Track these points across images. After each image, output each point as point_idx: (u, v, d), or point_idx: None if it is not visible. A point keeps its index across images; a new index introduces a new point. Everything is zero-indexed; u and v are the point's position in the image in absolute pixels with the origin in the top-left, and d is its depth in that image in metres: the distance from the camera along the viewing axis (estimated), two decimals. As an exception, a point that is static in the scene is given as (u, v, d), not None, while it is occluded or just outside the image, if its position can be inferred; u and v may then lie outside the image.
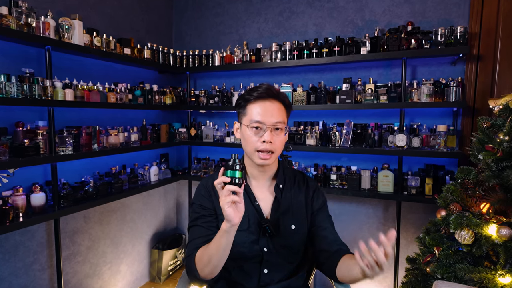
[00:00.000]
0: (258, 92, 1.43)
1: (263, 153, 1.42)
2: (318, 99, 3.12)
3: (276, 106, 1.44)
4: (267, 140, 1.39)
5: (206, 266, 1.32)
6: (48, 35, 2.29)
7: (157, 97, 3.32)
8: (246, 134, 1.45)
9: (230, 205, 1.19)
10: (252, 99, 1.44)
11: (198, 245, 1.41)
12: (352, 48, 2.96)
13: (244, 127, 1.46)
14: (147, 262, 3.65)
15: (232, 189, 1.19)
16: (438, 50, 2.70)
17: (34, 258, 2.51)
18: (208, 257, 1.31)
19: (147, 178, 3.33)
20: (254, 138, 1.42)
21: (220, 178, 1.21)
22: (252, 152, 1.44)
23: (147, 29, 3.65)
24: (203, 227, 1.47)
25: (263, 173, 1.54)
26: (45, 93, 2.29)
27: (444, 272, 1.87)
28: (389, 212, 3.18)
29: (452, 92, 2.69)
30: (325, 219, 1.58)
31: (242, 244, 1.45)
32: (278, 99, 1.45)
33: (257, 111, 1.42)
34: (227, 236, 1.25)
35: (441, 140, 2.72)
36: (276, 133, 1.43)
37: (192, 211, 1.55)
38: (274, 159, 1.46)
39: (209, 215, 1.50)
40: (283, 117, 1.45)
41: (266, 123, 1.41)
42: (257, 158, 1.44)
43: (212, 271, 1.33)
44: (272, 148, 1.42)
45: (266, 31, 3.61)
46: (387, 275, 3.19)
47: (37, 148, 2.26)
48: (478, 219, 1.79)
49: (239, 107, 1.50)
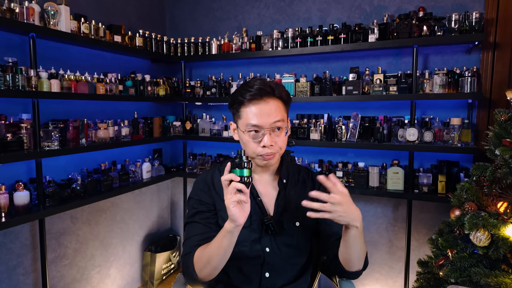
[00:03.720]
0: (250, 93, 1.38)
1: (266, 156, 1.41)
2: (322, 90, 3.11)
3: (273, 104, 1.40)
4: (267, 145, 1.37)
5: (205, 267, 1.32)
6: (32, 21, 2.27)
7: (150, 88, 3.31)
8: (245, 138, 1.42)
9: (235, 205, 1.18)
10: (245, 102, 1.39)
11: (195, 243, 1.40)
12: (359, 36, 2.94)
13: (241, 130, 1.44)
14: (139, 265, 3.65)
15: (239, 188, 1.18)
16: (452, 38, 2.69)
17: (17, 261, 2.51)
18: (207, 258, 1.31)
19: (139, 175, 3.32)
20: (253, 143, 1.40)
21: (229, 175, 1.20)
22: (254, 156, 1.44)
23: (139, 15, 3.62)
24: (201, 223, 1.46)
25: (265, 168, 1.53)
26: (29, 83, 2.28)
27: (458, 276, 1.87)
28: (399, 211, 3.18)
29: (466, 82, 2.68)
30: None
31: (243, 243, 1.45)
32: (274, 95, 1.41)
33: (253, 114, 1.38)
34: (230, 237, 1.24)
35: (455, 134, 2.72)
36: (276, 133, 1.41)
37: (190, 206, 1.54)
38: (277, 158, 1.46)
39: (208, 211, 1.49)
40: (282, 114, 1.42)
41: (264, 126, 1.37)
42: (260, 161, 1.43)
43: (211, 273, 1.33)
44: (274, 151, 1.40)
45: (267, 17, 3.59)
46: (396, 280, 3.20)
47: (21, 143, 2.25)
48: (494, 219, 1.79)
49: (233, 108, 1.47)
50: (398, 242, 3.19)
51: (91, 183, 2.77)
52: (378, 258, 3.27)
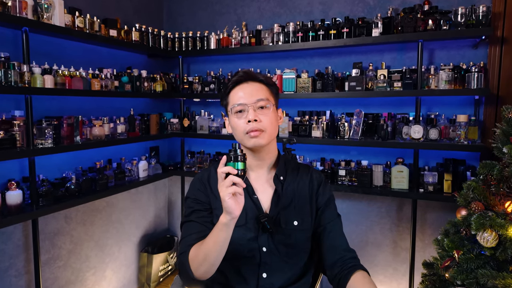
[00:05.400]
0: (235, 77, 1.51)
1: (252, 132, 1.44)
2: (325, 86, 3.10)
3: (256, 86, 1.49)
4: (251, 119, 1.42)
5: (202, 265, 1.33)
6: (25, 15, 2.27)
7: (147, 84, 3.30)
8: (233, 121, 1.49)
9: (231, 196, 1.21)
10: (231, 86, 1.51)
11: (192, 241, 1.42)
12: (363, 30, 2.94)
13: (230, 115, 1.51)
14: (135, 267, 3.66)
15: (235, 181, 1.21)
16: (458, 32, 2.68)
17: (9, 262, 2.51)
18: (204, 254, 1.32)
19: (135, 173, 3.32)
20: (239, 122, 1.46)
21: (226, 168, 1.23)
22: (242, 136, 1.47)
23: (135, 8, 3.62)
24: (198, 222, 1.49)
25: (260, 162, 1.54)
26: (22, 79, 2.27)
27: (464, 278, 1.87)
28: (403, 211, 3.18)
29: (473, 78, 2.67)
30: (334, 219, 1.57)
31: (238, 242, 1.45)
32: (257, 80, 1.51)
33: (237, 96, 1.48)
34: (226, 230, 1.27)
35: (461, 131, 2.71)
36: (261, 111, 1.46)
37: (186, 206, 1.57)
38: (267, 139, 1.46)
39: (204, 210, 1.52)
40: (266, 94, 1.49)
41: (247, 103, 1.45)
42: (248, 139, 1.45)
43: (208, 270, 1.34)
44: (260, 126, 1.43)
45: (267, 11, 3.59)
46: (401, 282, 3.20)
47: (13, 141, 2.25)
48: (502, 219, 1.78)
49: (223, 100, 1.56)
50: (402, 243, 3.19)
51: (86, 182, 2.77)
52: (382, 260, 3.27)
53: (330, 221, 1.55)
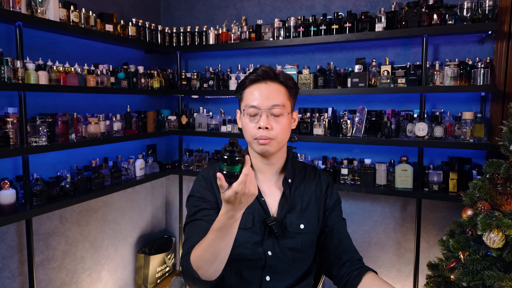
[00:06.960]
0: (253, 75, 1.46)
1: (261, 139, 1.42)
2: (326, 83, 3.10)
3: (273, 88, 1.45)
4: (262, 126, 1.40)
5: (213, 263, 1.25)
6: (18, 9, 2.26)
7: (143, 80, 3.30)
8: (244, 121, 1.47)
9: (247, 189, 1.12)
10: (247, 83, 1.47)
11: (197, 242, 1.34)
12: (366, 25, 2.93)
13: (242, 114, 1.48)
14: (131, 268, 3.66)
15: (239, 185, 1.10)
16: (464, 27, 2.67)
17: (3, 264, 2.50)
18: (213, 252, 1.23)
19: (132, 172, 3.32)
20: (250, 125, 1.44)
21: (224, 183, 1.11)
22: (251, 140, 1.46)
23: (132, 2, 3.61)
24: (204, 220, 1.42)
25: (269, 166, 1.53)
26: (15, 75, 2.27)
27: (470, 279, 1.87)
28: (407, 211, 3.18)
29: (479, 74, 2.67)
30: (340, 220, 1.58)
31: (244, 245, 1.44)
32: (277, 80, 1.46)
33: (253, 95, 1.44)
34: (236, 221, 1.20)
35: (467, 129, 2.71)
36: (274, 119, 1.43)
37: (191, 205, 1.51)
38: (276, 147, 1.46)
39: (211, 208, 1.47)
40: (283, 99, 1.45)
41: (261, 107, 1.41)
42: (256, 145, 1.44)
43: (217, 268, 1.26)
44: (270, 135, 1.41)
45: (267, 5, 3.58)
46: (405, 284, 3.20)
47: (6, 139, 2.25)
48: (509, 219, 1.78)
49: (238, 94, 1.53)
50: (406, 244, 3.19)
51: (81, 181, 2.77)
52: (385, 261, 3.28)
53: (337, 223, 1.57)
